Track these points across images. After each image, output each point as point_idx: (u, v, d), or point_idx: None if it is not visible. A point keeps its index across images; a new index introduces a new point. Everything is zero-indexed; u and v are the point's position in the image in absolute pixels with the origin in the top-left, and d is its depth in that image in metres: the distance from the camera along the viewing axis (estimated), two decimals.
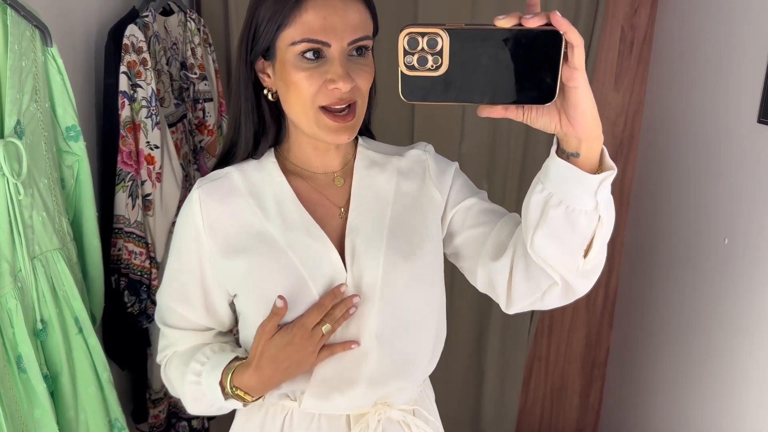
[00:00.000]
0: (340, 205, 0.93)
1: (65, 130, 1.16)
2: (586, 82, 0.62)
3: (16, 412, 1.00)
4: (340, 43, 0.81)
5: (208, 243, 0.90)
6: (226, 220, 0.90)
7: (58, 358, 1.10)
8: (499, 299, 0.89)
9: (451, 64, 0.60)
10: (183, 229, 0.93)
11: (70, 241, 1.17)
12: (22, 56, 1.02)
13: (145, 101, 1.37)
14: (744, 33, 1.45)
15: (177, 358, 0.97)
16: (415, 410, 0.98)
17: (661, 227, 1.86)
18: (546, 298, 0.83)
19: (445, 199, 0.96)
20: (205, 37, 1.70)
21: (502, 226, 0.89)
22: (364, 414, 0.93)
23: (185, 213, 0.92)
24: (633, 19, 1.95)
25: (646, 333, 1.94)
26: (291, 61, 0.83)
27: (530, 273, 0.81)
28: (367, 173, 0.95)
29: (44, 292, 1.07)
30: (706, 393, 1.56)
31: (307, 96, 0.83)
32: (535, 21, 0.58)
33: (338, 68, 0.81)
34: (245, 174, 0.92)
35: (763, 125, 1.36)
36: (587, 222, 0.71)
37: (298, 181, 0.93)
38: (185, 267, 0.93)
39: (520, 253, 0.82)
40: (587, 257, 0.74)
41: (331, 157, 0.94)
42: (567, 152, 0.68)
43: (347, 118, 0.84)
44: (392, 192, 0.94)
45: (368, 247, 0.90)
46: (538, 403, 2.34)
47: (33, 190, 1.05)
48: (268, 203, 0.91)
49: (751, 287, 1.39)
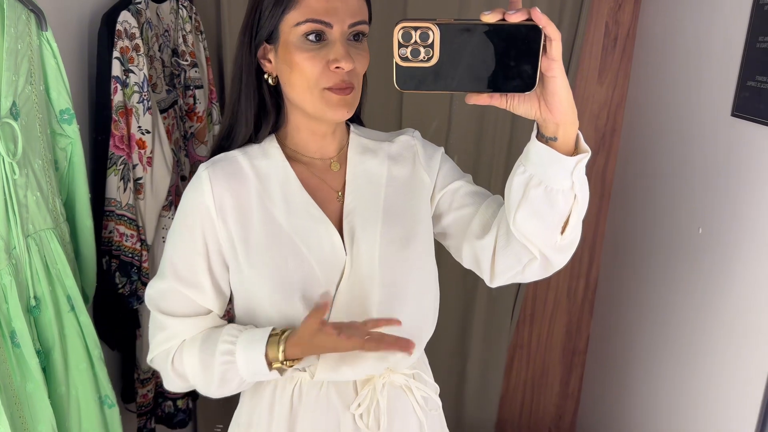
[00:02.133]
0: (337, 189, 0.98)
1: (59, 113, 1.18)
2: (563, 73, 0.69)
3: (9, 386, 1.03)
4: (341, 25, 0.87)
5: (218, 223, 0.93)
6: (235, 201, 0.93)
7: (50, 334, 1.13)
8: (483, 274, 0.97)
9: (442, 55, 0.66)
10: (192, 208, 0.94)
11: (63, 221, 1.20)
12: (18, 39, 1.05)
13: (137, 86, 1.40)
14: (720, 29, 1.50)
15: (191, 347, 0.95)
16: (415, 374, 1.04)
17: (640, 218, 1.91)
18: (526, 271, 0.90)
19: (433, 182, 1.02)
20: (197, 24, 1.72)
21: (487, 207, 0.96)
22: (369, 379, 0.98)
23: (194, 193, 0.94)
24: (617, 14, 1.99)
25: (625, 322, 1.99)
26: (294, 42, 0.88)
27: (512, 249, 0.88)
28: (361, 159, 1.01)
29: (38, 270, 1.09)
30: (682, 380, 1.61)
31: (311, 77, 0.88)
32: (518, 16, 0.64)
33: (340, 48, 0.87)
34: (250, 158, 0.96)
35: (737, 118, 1.40)
36: (564, 200, 0.77)
37: (298, 166, 0.97)
38: (196, 248, 0.94)
39: (502, 231, 0.89)
40: (564, 233, 0.82)
41: (327, 142, 0.99)
42: (546, 136, 0.75)
43: (347, 91, 0.89)
44: (384, 176, 1.00)
45: (365, 229, 0.95)
46: (519, 389, 2.39)
47: (28, 170, 1.07)
48: (272, 187, 0.95)
49: (724, 275, 1.44)
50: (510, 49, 0.65)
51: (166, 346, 0.96)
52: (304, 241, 0.93)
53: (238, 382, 0.93)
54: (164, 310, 0.96)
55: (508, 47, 0.65)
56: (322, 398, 0.97)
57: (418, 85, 0.67)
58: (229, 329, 0.94)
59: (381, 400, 0.97)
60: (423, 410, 1.03)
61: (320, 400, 0.96)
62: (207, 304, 0.97)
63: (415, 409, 1.02)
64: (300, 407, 0.97)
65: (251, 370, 0.90)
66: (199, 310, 0.97)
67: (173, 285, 0.95)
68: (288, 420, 0.97)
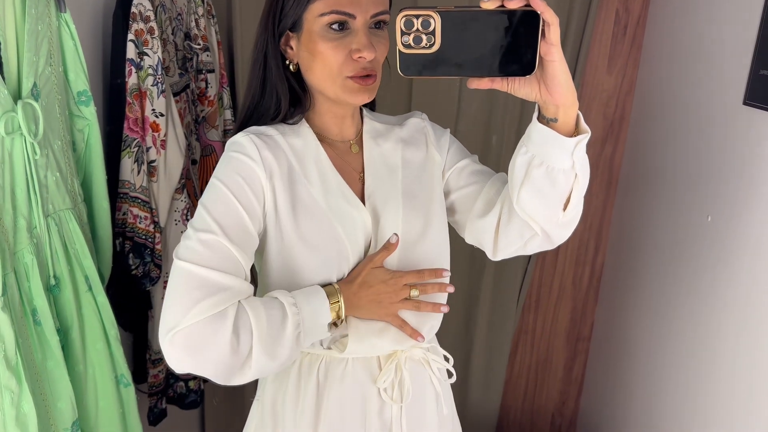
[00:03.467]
0: (358, 171, 1.01)
1: (77, 95, 1.19)
2: (562, 57, 0.71)
3: (31, 362, 1.04)
4: (364, 15, 0.89)
5: (267, 184, 0.91)
6: (278, 175, 0.93)
7: (69, 313, 1.14)
8: (486, 248, 1.03)
9: (443, 42, 0.68)
10: (239, 167, 0.90)
11: (81, 201, 1.21)
12: (38, 20, 1.06)
13: (152, 69, 1.40)
14: (732, 17, 1.50)
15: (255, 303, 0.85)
16: (431, 347, 1.08)
17: (648, 206, 1.92)
18: (528, 246, 0.96)
19: (444, 161, 1.07)
20: (209, 8, 1.72)
21: (491, 185, 1.01)
22: (392, 354, 1.01)
23: (238, 154, 0.91)
24: (627, 2, 1.99)
25: (629, 309, 2.01)
26: (318, 32, 0.90)
27: (514, 225, 0.93)
28: (375, 143, 1.04)
29: (57, 250, 1.11)
30: (687, 367, 1.63)
31: (334, 65, 0.90)
32: (516, 3, 0.67)
33: (363, 38, 0.89)
34: (285, 136, 0.97)
35: (749, 107, 1.41)
36: (565, 179, 0.81)
37: (326, 147, 1.00)
38: (244, 206, 0.88)
39: (506, 208, 0.94)
40: (566, 210, 0.86)
41: (347, 125, 1.02)
42: (547, 118, 0.78)
43: (368, 81, 0.92)
44: (399, 159, 1.03)
45: (387, 209, 0.98)
46: (523, 374, 2.42)
47: (48, 150, 1.08)
48: (309, 166, 0.96)
49: (732, 263, 1.45)
50: (509, 34, 0.68)
51: (221, 306, 0.82)
52: (339, 220, 0.95)
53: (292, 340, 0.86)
54: (215, 265, 0.83)
55: (507, 33, 0.68)
56: (348, 374, 0.99)
57: (420, 71, 0.70)
58: (278, 292, 0.90)
59: (405, 374, 1.00)
60: (439, 381, 1.08)
61: (346, 377, 0.99)
62: (246, 269, 0.88)
63: (432, 381, 1.06)
64: (326, 384, 0.99)
65: (315, 321, 0.89)
66: (243, 274, 0.87)
67: (221, 240, 0.84)
68: (315, 396, 0.99)
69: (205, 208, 0.87)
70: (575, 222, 0.90)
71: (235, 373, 0.84)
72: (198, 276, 0.82)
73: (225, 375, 0.84)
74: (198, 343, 0.80)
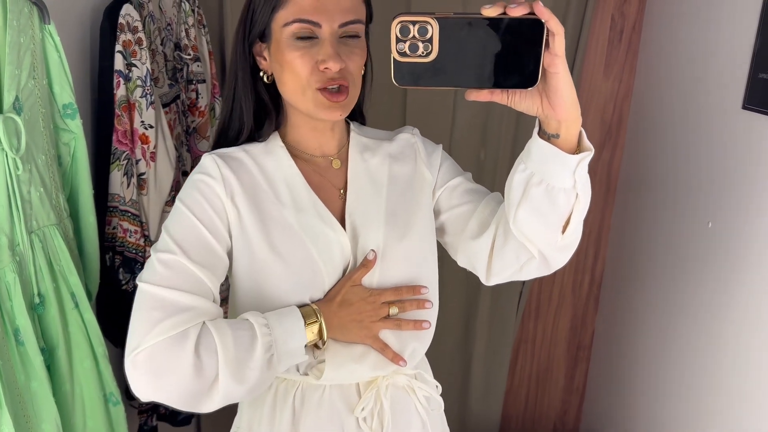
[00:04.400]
0: (339, 187, 0.97)
1: (62, 108, 1.17)
2: (566, 68, 0.67)
3: (13, 384, 1.01)
4: (330, 24, 0.85)
5: (228, 204, 0.89)
6: (240, 194, 0.90)
7: (54, 331, 1.11)
8: (478, 272, 0.96)
9: (441, 50, 0.64)
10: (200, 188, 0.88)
11: (67, 217, 1.18)
12: (21, 33, 1.03)
13: (140, 81, 1.38)
14: (729, 21, 1.48)
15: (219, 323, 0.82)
16: (417, 374, 1.03)
17: (647, 212, 1.90)
18: (524, 270, 0.90)
19: (435, 179, 1.01)
20: (200, 18, 1.70)
21: (485, 205, 0.95)
22: (373, 381, 0.96)
23: (200, 175, 0.89)
24: (623, 7, 1.97)
25: (630, 316, 1.98)
26: (285, 41, 0.86)
27: (510, 248, 0.87)
28: (361, 158, 0.99)
29: (41, 267, 1.08)
30: (689, 375, 1.60)
31: (302, 75, 0.86)
32: (519, 10, 0.62)
33: (328, 48, 0.85)
34: (253, 156, 0.94)
35: (748, 111, 1.39)
36: (566, 199, 0.76)
37: (300, 164, 0.96)
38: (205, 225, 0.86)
39: (501, 229, 0.88)
40: (565, 233, 0.80)
41: (327, 138, 0.97)
42: (548, 133, 0.73)
43: (339, 97, 0.87)
44: (386, 175, 0.98)
45: (368, 228, 0.94)
46: (524, 384, 2.38)
47: (31, 165, 1.06)
48: (279, 186, 0.93)
49: (733, 270, 1.43)
50: (511, 43, 0.64)
51: (182, 327, 0.78)
52: (312, 241, 0.91)
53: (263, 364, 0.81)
54: (175, 285, 0.81)
55: (509, 42, 0.64)
56: (324, 402, 0.94)
57: (416, 80, 0.66)
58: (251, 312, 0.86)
59: (385, 402, 0.95)
60: (426, 410, 1.01)
61: (323, 404, 0.94)
62: (215, 290, 0.86)
63: (418, 410, 1.00)
64: (302, 411, 0.94)
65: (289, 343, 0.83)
66: (209, 295, 0.85)
67: (181, 260, 0.82)
68: (291, 424, 0.94)
69: (167, 230, 0.85)
70: (574, 246, 0.85)
71: (202, 398, 0.80)
72: (158, 296, 0.80)
73: (190, 400, 0.79)
74: (159, 366, 0.77)
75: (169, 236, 0.84)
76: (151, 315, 0.79)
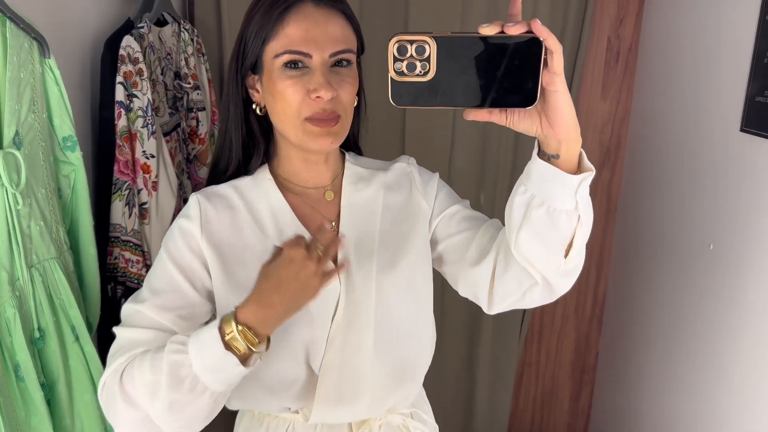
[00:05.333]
0: (331, 219, 0.95)
1: (62, 140, 1.17)
2: (565, 87, 0.66)
3: (14, 420, 1.00)
4: (321, 54, 0.85)
5: (205, 248, 0.89)
6: (223, 231, 0.90)
7: (55, 366, 1.11)
8: (480, 301, 0.93)
9: (439, 69, 0.63)
10: (177, 231, 0.90)
11: (67, 250, 1.18)
12: (21, 68, 1.04)
13: (141, 111, 1.38)
14: (725, 44, 1.49)
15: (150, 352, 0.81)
16: (413, 413, 1.00)
17: (648, 233, 1.89)
18: (527, 297, 0.87)
19: (431, 208, 0.99)
20: (199, 47, 1.72)
21: (484, 232, 0.93)
22: (365, 421, 0.94)
23: (182, 219, 0.91)
24: (619, 29, 1.98)
25: (634, 337, 1.97)
26: (276, 72, 0.86)
27: (512, 274, 0.84)
28: (355, 188, 0.97)
29: (42, 301, 1.08)
30: (694, 396, 1.59)
31: (293, 105, 0.85)
32: (517, 29, 0.61)
33: (319, 77, 0.84)
34: (241, 191, 0.94)
35: (746, 134, 1.39)
36: (568, 221, 0.74)
37: (291, 196, 0.95)
38: (186, 273, 0.88)
39: (502, 255, 0.86)
40: (568, 257, 0.78)
41: (320, 170, 0.96)
42: (548, 154, 0.72)
43: (330, 123, 0.86)
44: (380, 205, 0.97)
45: (360, 260, 0.92)
46: (528, 407, 2.36)
47: (31, 200, 1.06)
48: (265, 219, 0.92)
49: (737, 292, 1.42)
50: (509, 62, 0.63)
51: (127, 354, 0.81)
52: None
53: (189, 384, 0.76)
54: (138, 324, 0.85)
55: (507, 61, 0.63)
56: None
57: (414, 100, 0.65)
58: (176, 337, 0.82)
59: None
60: None
61: None
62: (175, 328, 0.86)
63: None
64: None
65: (203, 353, 0.75)
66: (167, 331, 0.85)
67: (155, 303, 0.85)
68: None
69: (147, 276, 0.90)
70: (577, 271, 0.82)
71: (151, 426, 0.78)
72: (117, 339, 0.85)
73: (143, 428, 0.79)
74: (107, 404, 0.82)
75: (147, 282, 0.89)
76: (110, 359, 0.84)
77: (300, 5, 0.85)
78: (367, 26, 1.82)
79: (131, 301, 0.87)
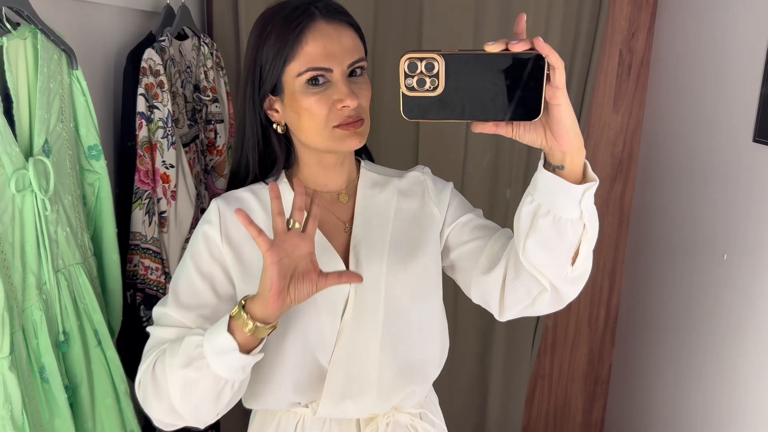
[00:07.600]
0: (344, 221, 0.99)
1: (87, 149, 1.20)
2: (567, 100, 0.69)
3: (38, 421, 1.02)
4: (340, 66, 0.89)
5: (225, 252, 0.94)
6: (242, 231, 0.94)
7: (78, 369, 1.13)
8: (491, 308, 0.96)
9: (447, 85, 0.67)
10: (200, 236, 0.95)
11: (91, 255, 1.21)
12: (50, 78, 1.07)
13: (162, 122, 1.42)
14: (738, 55, 1.51)
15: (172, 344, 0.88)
16: (422, 413, 1.02)
17: (660, 245, 1.90)
18: (536, 304, 0.90)
19: (443, 216, 1.03)
20: (218, 60, 1.75)
21: (496, 240, 0.96)
22: (373, 417, 0.97)
23: (204, 224, 0.95)
24: (631, 42, 2.01)
25: (648, 350, 1.96)
26: (299, 90, 0.90)
27: (521, 281, 0.88)
28: (371, 192, 1.02)
29: (67, 305, 1.10)
30: (708, 409, 1.58)
31: (321, 118, 0.90)
32: (521, 46, 0.65)
33: (343, 88, 0.89)
34: (258, 194, 0.98)
35: (759, 144, 1.40)
36: (573, 230, 0.77)
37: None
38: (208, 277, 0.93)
39: (512, 263, 0.89)
40: (575, 264, 0.81)
41: (336, 174, 1.00)
42: (553, 165, 0.75)
43: (357, 125, 0.91)
44: (393, 210, 1.01)
45: (371, 260, 0.95)
46: (541, 420, 2.35)
47: (58, 206, 1.09)
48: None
49: (751, 302, 1.42)
50: (514, 77, 0.67)
51: (156, 350, 0.89)
52: None
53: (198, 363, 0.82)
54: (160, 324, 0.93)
55: (512, 76, 0.67)
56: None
57: (424, 114, 0.69)
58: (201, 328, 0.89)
59: None
60: None
61: None
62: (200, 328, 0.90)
63: None
64: None
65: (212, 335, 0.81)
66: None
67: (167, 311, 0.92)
68: None
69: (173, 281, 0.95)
70: (584, 278, 0.85)
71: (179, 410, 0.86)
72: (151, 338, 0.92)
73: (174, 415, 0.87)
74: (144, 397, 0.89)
75: (172, 285, 0.95)
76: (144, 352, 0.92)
77: (313, 24, 0.89)
78: (381, 44, 1.88)
79: (159, 305, 0.94)
